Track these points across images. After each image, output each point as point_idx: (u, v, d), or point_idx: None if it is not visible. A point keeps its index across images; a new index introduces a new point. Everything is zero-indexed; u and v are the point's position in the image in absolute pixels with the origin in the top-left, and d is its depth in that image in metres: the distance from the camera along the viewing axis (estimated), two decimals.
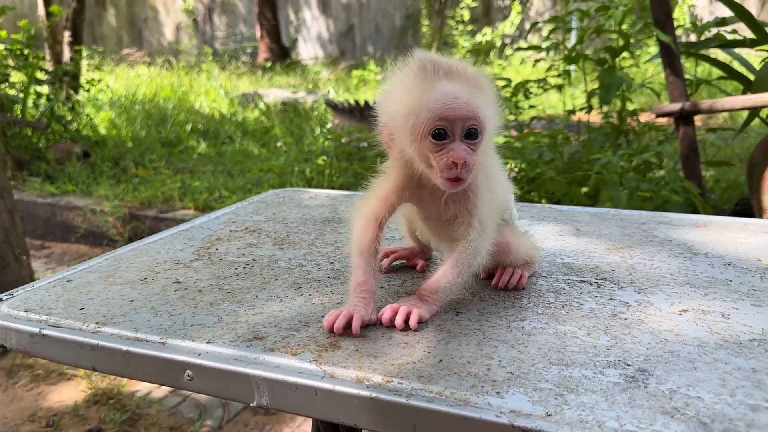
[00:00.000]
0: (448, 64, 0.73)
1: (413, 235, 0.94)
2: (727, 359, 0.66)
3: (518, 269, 0.87)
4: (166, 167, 3.90)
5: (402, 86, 0.73)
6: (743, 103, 2.29)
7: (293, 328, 0.75)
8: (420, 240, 0.94)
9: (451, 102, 0.70)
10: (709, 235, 1.04)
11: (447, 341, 0.71)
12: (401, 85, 0.73)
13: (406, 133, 0.72)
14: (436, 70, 0.72)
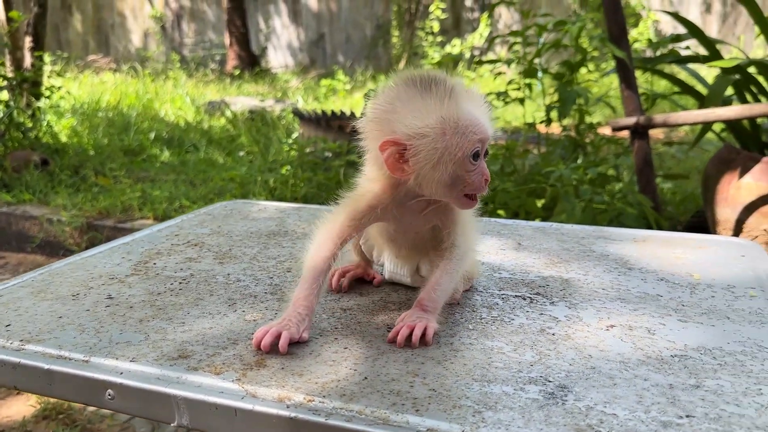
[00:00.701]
0: (453, 81, 0.74)
1: (359, 249, 0.93)
2: (646, 375, 0.67)
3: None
4: (126, 176, 3.84)
5: (414, 104, 0.71)
6: (695, 117, 2.34)
7: (221, 346, 0.74)
8: (364, 254, 0.93)
9: (484, 123, 0.73)
10: (646, 250, 1.06)
11: (375, 358, 0.71)
12: (412, 103, 0.71)
13: (433, 153, 0.70)
14: (447, 88, 0.72)
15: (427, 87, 0.72)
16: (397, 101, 0.72)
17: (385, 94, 0.74)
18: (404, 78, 0.74)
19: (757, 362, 0.70)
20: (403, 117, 0.71)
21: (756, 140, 2.66)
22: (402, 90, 0.73)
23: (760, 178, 2.37)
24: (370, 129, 0.74)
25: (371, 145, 0.75)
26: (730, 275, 0.94)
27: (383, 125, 0.72)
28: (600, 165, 2.26)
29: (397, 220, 0.78)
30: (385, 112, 0.72)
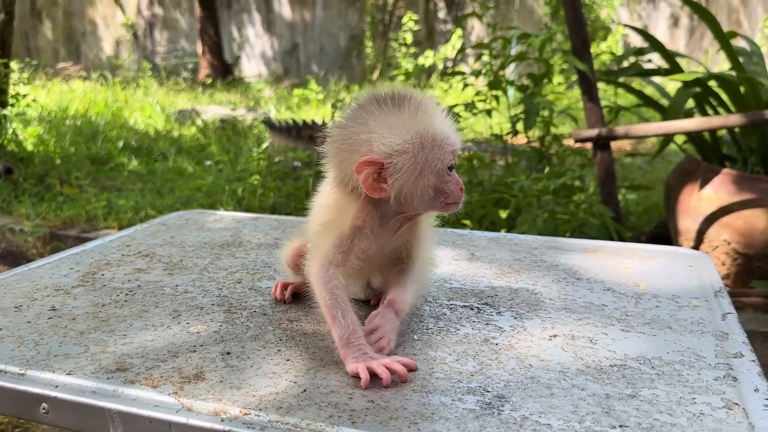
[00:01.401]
0: (420, 96, 0.74)
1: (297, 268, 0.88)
2: (584, 385, 0.68)
3: None
4: (92, 185, 3.78)
5: (389, 121, 0.71)
6: (656, 130, 2.38)
7: (160, 359, 0.73)
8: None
9: (454, 135, 0.74)
10: (595, 260, 1.07)
11: (316, 370, 0.71)
12: (386, 121, 0.71)
13: (414, 167, 0.70)
14: (417, 102, 0.72)
15: (399, 103, 0.72)
16: (370, 120, 0.71)
17: (353, 116, 0.73)
18: (373, 97, 0.73)
19: (693, 372, 0.71)
20: (380, 136, 0.70)
21: (716, 152, 2.71)
22: (373, 109, 0.72)
23: (720, 189, 2.42)
24: (338, 152, 0.73)
25: (342, 168, 0.73)
26: (676, 285, 0.96)
27: (356, 146, 0.71)
28: (562, 176, 2.29)
29: (377, 239, 0.76)
30: (356, 133, 0.71)
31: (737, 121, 2.22)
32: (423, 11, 9.30)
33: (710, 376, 0.70)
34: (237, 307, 0.87)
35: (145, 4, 10.25)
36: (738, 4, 8.40)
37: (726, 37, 2.55)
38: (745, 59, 2.85)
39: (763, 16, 8.09)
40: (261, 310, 0.86)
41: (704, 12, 2.61)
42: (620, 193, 3.25)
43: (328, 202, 0.78)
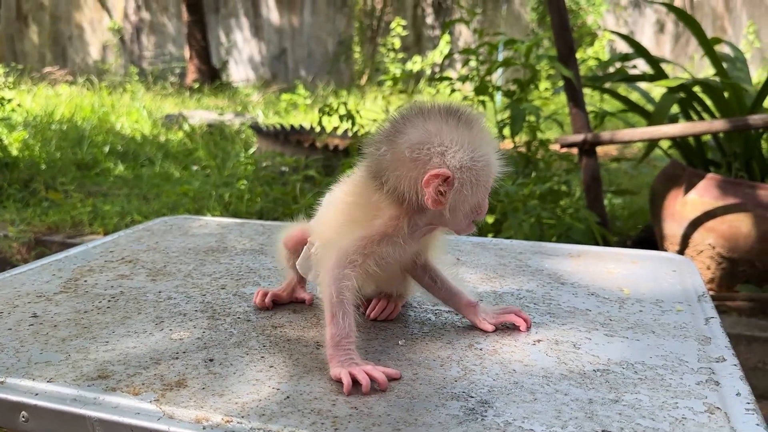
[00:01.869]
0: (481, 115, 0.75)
1: (295, 251, 0.89)
2: (567, 390, 0.68)
3: (393, 300, 0.88)
4: (78, 190, 3.76)
5: (462, 137, 0.71)
6: (641, 135, 2.40)
7: (142, 366, 0.72)
8: (299, 273, 0.91)
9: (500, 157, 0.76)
10: (580, 265, 1.08)
11: (300, 376, 0.70)
12: (460, 136, 0.71)
13: (476, 185, 0.72)
14: (482, 123, 0.73)
15: (468, 121, 0.72)
16: (444, 133, 0.71)
17: (419, 125, 0.72)
18: (439, 109, 0.73)
19: (676, 376, 0.71)
20: (454, 150, 0.70)
21: (701, 157, 2.74)
22: (443, 122, 0.72)
23: (704, 194, 2.44)
24: (400, 160, 0.71)
25: (400, 176, 0.71)
26: (659, 290, 0.96)
27: (428, 157, 0.70)
28: (548, 181, 2.30)
29: (400, 248, 0.76)
30: (427, 144, 0.71)
31: (721, 127, 2.25)
32: (411, 17, 9.33)
33: (692, 380, 0.70)
34: (221, 313, 0.87)
35: (132, 8, 10.21)
36: (722, 11, 8.49)
37: (710, 43, 2.58)
38: (729, 65, 2.88)
39: (747, 22, 8.19)
40: (245, 317, 0.85)
41: (689, 18, 2.65)
42: (606, 198, 3.28)
43: (359, 200, 0.76)
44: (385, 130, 0.74)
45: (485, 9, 9.01)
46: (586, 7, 8.36)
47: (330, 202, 0.82)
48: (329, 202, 0.82)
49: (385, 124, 0.76)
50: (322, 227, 0.81)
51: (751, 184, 2.39)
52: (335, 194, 0.81)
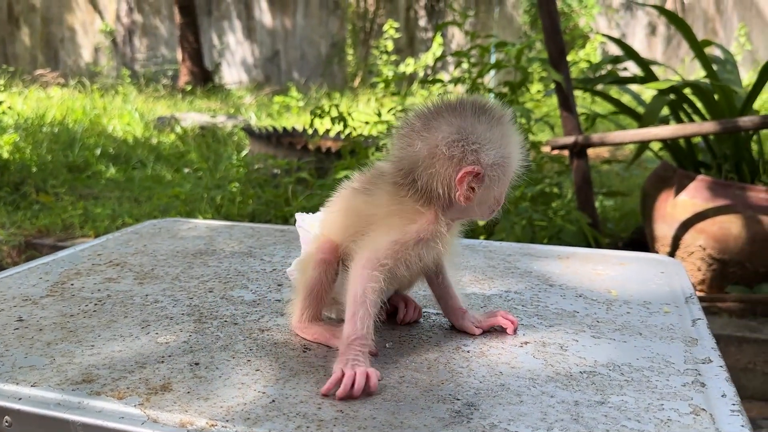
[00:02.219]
0: (508, 111, 0.76)
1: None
2: (553, 392, 0.68)
3: (410, 302, 0.87)
4: (69, 193, 3.74)
5: (495, 134, 0.72)
6: (632, 137, 2.41)
7: (127, 370, 0.72)
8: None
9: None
10: (568, 266, 1.08)
11: (286, 380, 0.70)
12: (494, 133, 0.72)
13: (504, 180, 0.74)
14: (510, 119, 0.74)
15: (499, 117, 0.73)
16: (479, 131, 0.71)
17: (456, 123, 0.71)
18: (471, 105, 0.73)
19: (662, 378, 0.71)
20: (487, 148, 0.71)
21: (691, 159, 2.75)
22: (475, 118, 0.72)
23: (695, 196, 2.45)
24: (438, 157, 0.71)
25: (433, 173, 0.71)
26: (647, 292, 0.97)
27: (462, 155, 0.71)
28: (540, 183, 2.30)
29: (435, 252, 0.75)
30: (462, 141, 0.71)
31: (711, 128, 2.26)
32: (404, 19, 9.34)
33: (678, 382, 0.70)
34: (207, 316, 0.86)
35: (124, 10, 10.18)
36: (714, 14, 8.53)
37: (700, 45, 2.59)
38: (719, 67, 2.90)
39: (738, 25, 8.23)
40: (232, 320, 0.85)
41: (679, 21, 2.66)
42: (597, 200, 3.29)
43: (388, 201, 0.75)
44: (414, 125, 0.74)
45: (478, 11, 9.03)
46: (579, 9, 8.39)
47: (350, 205, 0.79)
48: (349, 206, 0.79)
49: (412, 119, 0.75)
50: (340, 229, 0.79)
51: (741, 185, 2.40)
52: (356, 199, 0.78)
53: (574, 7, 8.41)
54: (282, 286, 0.98)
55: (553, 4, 2.33)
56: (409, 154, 0.73)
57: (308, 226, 0.84)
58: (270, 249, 1.16)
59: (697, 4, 8.51)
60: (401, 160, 0.74)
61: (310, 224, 0.84)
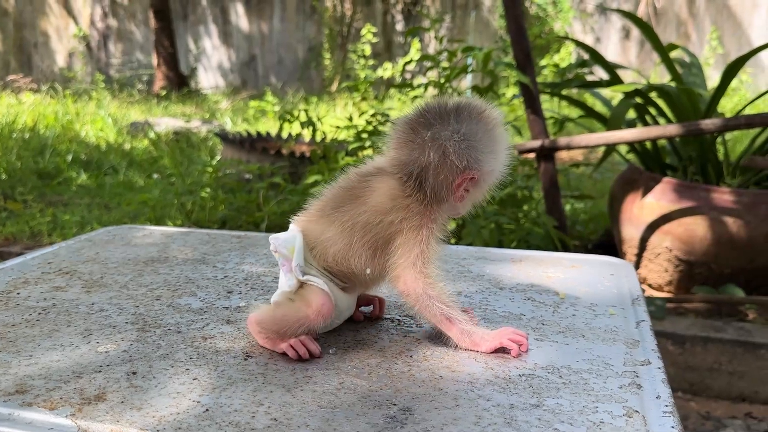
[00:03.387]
0: (499, 113, 0.79)
1: None
2: (490, 396, 0.68)
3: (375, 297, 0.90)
4: (38, 200, 3.69)
5: (490, 139, 0.76)
6: (597, 140, 2.43)
7: (63, 380, 0.71)
8: None
9: None
10: (521, 270, 1.08)
11: (223, 388, 0.69)
12: (490, 138, 0.76)
13: (491, 183, 0.79)
14: (502, 123, 0.78)
15: (496, 122, 0.76)
16: (482, 136, 0.75)
17: (465, 128, 0.74)
18: (476, 111, 0.76)
19: (600, 380, 0.72)
20: (486, 155, 0.75)
21: (658, 161, 2.78)
22: (476, 124, 0.75)
23: (661, 198, 2.48)
24: (447, 165, 0.75)
25: (442, 179, 0.75)
26: (595, 294, 0.97)
27: (468, 163, 0.75)
28: (508, 186, 2.32)
29: (441, 244, 0.81)
30: (469, 150, 0.74)
31: (675, 131, 2.28)
32: (381, 23, 9.36)
33: (616, 384, 0.71)
34: (151, 325, 0.85)
35: (98, 15, 10.08)
36: (686, 17, 8.65)
37: (665, 49, 2.62)
38: (684, 71, 2.94)
39: (711, 28, 8.35)
40: (176, 328, 0.84)
41: (644, 25, 2.69)
42: (568, 203, 3.31)
43: (393, 207, 0.76)
44: (417, 129, 0.76)
45: (454, 16, 9.08)
46: (554, 13, 8.46)
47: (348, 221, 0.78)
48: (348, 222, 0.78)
49: (414, 121, 0.77)
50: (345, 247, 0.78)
51: (706, 187, 2.44)
52: (350, 213, 0.77)
53: (549, 11, 8.49)
54: (231, 293, 0.97)
55: (518, 8, 2.34)
56: (416, 159, 0.76)
57: (287, 251, 0.78)
58: (224, 256, 1.16)
59: (670, 8, 8.62)
60: (407, 165, 0.76)
61: (289, 248, 0.78)
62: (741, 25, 8.24)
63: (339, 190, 0.80)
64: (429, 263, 0.76)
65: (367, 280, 0.81)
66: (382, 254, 0.78)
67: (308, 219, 0.81)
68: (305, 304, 0.76)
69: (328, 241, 0.78)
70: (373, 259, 0.78)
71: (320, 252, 0.78)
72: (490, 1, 8.87)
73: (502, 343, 0.77)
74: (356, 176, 0.80)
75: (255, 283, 1.02)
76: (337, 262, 0.78)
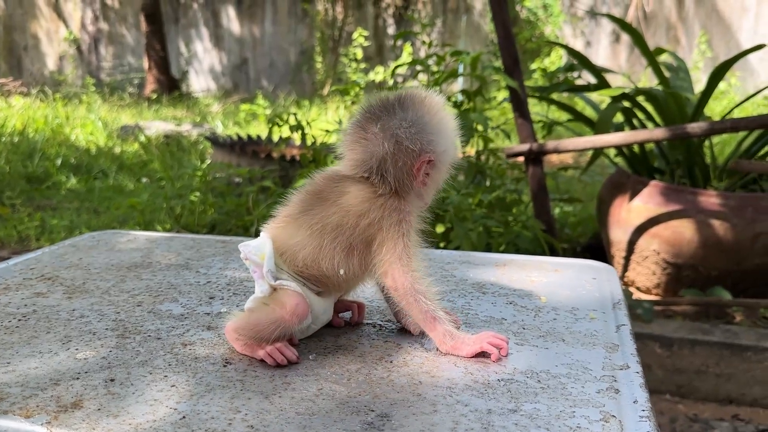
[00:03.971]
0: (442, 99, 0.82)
1: None
2: (468, 401, 0.68)
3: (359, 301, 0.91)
4: (27, 204, 3.67)
5: (439, 122, 0.78)
6: (584, 144, 2.44)
7: (40, 387, 0.71)
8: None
9: None
10: (504, 274, 1.09)
11: (201, 395, 0.69)
12: (439, 121, 0.78)
13: (447, 164, 0.81)
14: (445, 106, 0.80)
15: (441, 106, 0.79)
16: (426, 121, 0.77)
17: (411, 114, 0.77)
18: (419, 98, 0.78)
19: (578, 385, 0.72)
20: (437, 136, 0.78)
21: (646, 164, 2.80)
22: (423, 110, 0.78)
23: (648, 201, 2.49)
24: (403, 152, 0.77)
25: (400, 167, 0.77)
26: (576, 298, 0.98)
27: (421, 146, 0.77)
28: (496, 190, 2.32)
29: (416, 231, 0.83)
30: (420, 133, 0.77)
31: (661, 135, 2.30)
32: (372, 27, 9.37)
33: (594, 388, 0.71)
34: (131, 331, 0.85)
35: (89, 18, 10.05)
36: (676, 21, 8.70)
37: (652, 53, 2.64)
38: (672, 75, 2.96)
39: (700, 32, 8.40)
40: (155, 335, 0.84)
41: (632, 30, 2.71)
42: (557, 206, 3.32)
43: (368, 207, 0.77)
44: (369, 127, 0.78)
45: (446, 20, 9.10)
46: (544, 17, 8.50)
47: (318, 223, 0.78)
48: (317, 224, 0.78)
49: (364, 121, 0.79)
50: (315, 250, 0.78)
51: (693, 190, 2.45)
52: (320, 215, 0.78)
53: (540, 15, 8.52)
54: (213, 299, 0.97)
55: (506, 13, 2.35)
56: (373, 152, 0.77)
57: (258, 258, 0.79)
58: (208, 261, 1.15)
59: (660, 12, 8.67)
60: (365, 161, 0.78)
61: (260, 255, 0.79)
62: (730, 29, 8.30)
63: (306, 194, 0.81)
64: (413, 256, 0.78)
65: (341, 282, 0.80)
66: (360, 254, 0.78)
67: (277, 225, 0.81)
68: (279, 305, 0.76)
69: (297, 246, 0.78)
70: (348, 260, 0.78)
71: (290, 257, 0.79)
72: (481, 5, 8.89)
73: (483, 347, 0.77)
74: (322, 180, 0.81)
75: (237, 289, 1.01)
76: (307, 265, 0.78)
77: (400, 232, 0.77)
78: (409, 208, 0.79)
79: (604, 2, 8.72)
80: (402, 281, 0.77)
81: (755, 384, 2.13)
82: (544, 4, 8.49)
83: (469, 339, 0.78)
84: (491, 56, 7.54)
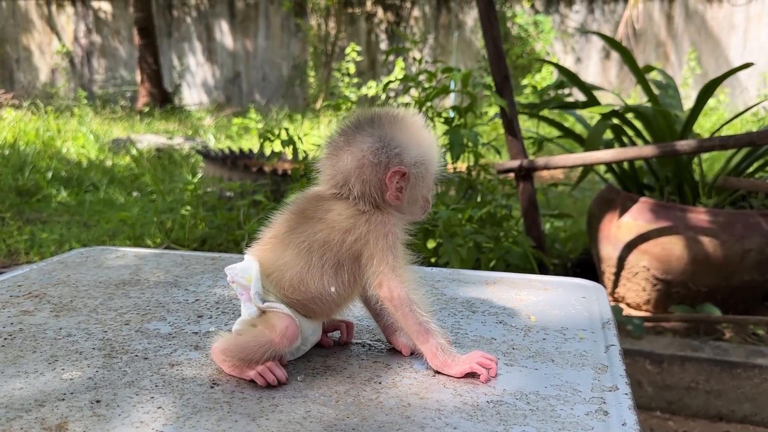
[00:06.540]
0: (420, 116, 0.83)
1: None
2: (457, 423, 0.68)
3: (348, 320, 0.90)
4: (16, 217, 3.65)
5: (412, 136, 0.79)
6: (574, 160, 2.46)
7: (25, 408, 0.70)
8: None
9: None
10: (494, 292, 1.09)
11: (187, 417, 0.69)
12: (411, 135, 0.79)
13: (427, 177, 0.81)
14: (422, 122, 0.81)
15: (413, 122, 0.80)
16: (397, 135, 0.78)
17: (374, 133, 0.78)
18: (385, 115, 0.80)
19: (567, 407, 0.72)
20: (408, 148, 0.78)
21: (635, 181, 2.81)
22: (393, 126, 0.79)
23: (638, 217, 2.50)
24: (365, 165, 0.78)
25: (367, 180, 0.78)
26: (566, 317, 0.98)
27: (388, 159, 0.78)
28: (486, 206, 2.33)
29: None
30: (386, 147, 0.78)
31: (650, 152, 2.31)
32: (365, 42, 9.42)
33: (582, 410, 0.71)
34: (118, 351, 0.84)
35: (82, 31, 10.06)
36: (665, 38, 8.79)
37: (641, 71, 2.66)
38: (661, 92, 2.98)
39: (689, 49, 8.49)
40: (143, 354, 0.83)
41: (620, 48, 2.73)
42: (548, 222, 3.33)
43: (358, 221, 0.78)
44: (339, 143, 0.80)
45: (438, 36, 9.16)
46: (535, 34, 8.57)
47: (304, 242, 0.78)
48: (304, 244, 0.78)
49: (336, 138, 0.81)
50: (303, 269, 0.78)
51: (683, 207, 2.47)
52: (304, 234, 0.78)
53: (531, 32, 8.59)
54: (202, 317, 0.97)
55: (496, 30, 2.37)
56: (340, 169, 0.79)
57: (244, 280, 0.78)
58: (197, 278, 1.15)
59: (649, 29, 8.76)
60: (334, 177, 0.79)
61: (246, 277, 0.78)
62: (719, 45, 8.39)
63: (290, 214, 0.81)
64: (405, 267, 0.79)
65: (329, 305, 0.80)
66: (349, 270, 0.78)
67: (262, 247, 0.81)
68: (269, 328, 0.76)
69: (285, 266, 0.78)
70: (338, 277, 0.78)
71: (276, 278, 0.78)
72: (472, 22, 8.96)
73: (472, 367, 0.77)
74: (306, 199, 0.82)
75: (226, 307, 1.01)
76: (294, 288, 0.78)
77: (388, 244, 0.77)
78: (394, 221, 0.79)
79: (595, 19, 8.81)
80: (398, 291, 0.77)
81: (745, 401, 2.13)
82: (534, 21, 8.57)
83: (459, 358, 0.78)
84: (483, 72, 7.58)
